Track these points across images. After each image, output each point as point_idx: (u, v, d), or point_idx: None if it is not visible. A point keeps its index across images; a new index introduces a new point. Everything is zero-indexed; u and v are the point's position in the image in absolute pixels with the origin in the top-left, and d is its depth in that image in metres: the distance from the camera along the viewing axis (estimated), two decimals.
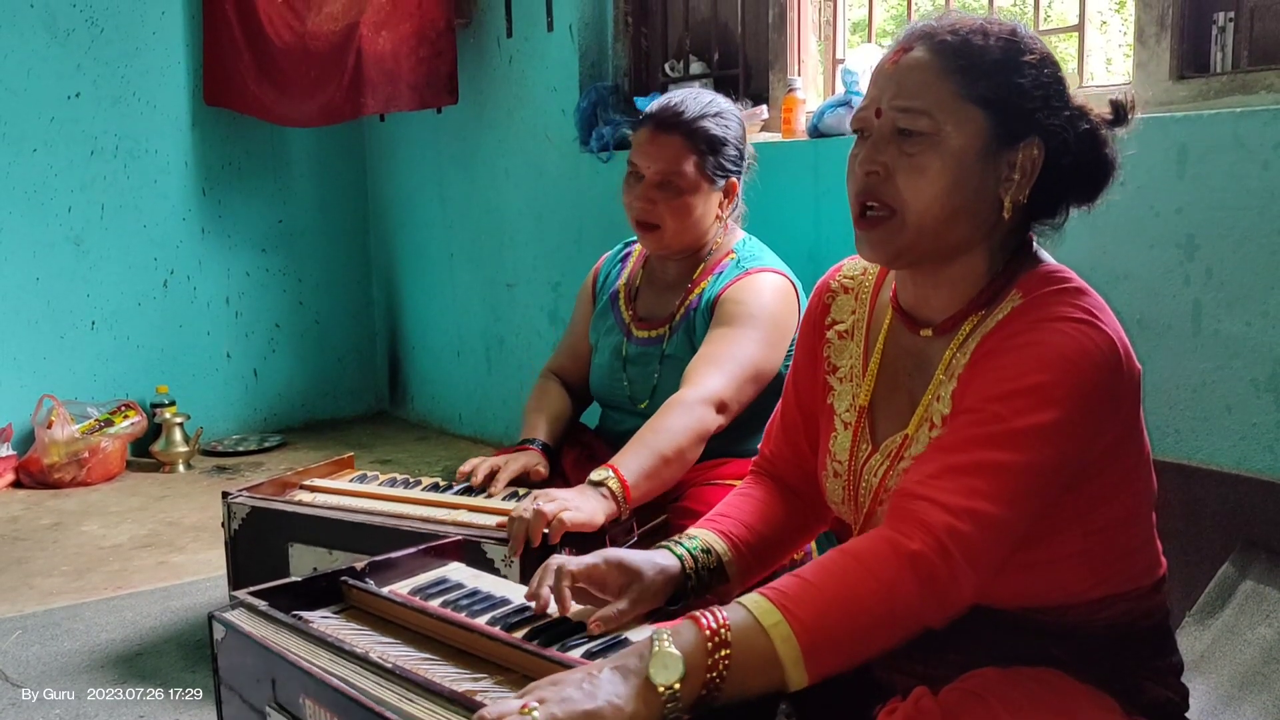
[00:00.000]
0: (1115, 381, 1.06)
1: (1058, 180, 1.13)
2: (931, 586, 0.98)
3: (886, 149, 1.12)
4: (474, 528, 1.67)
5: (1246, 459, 1.85)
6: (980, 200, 1.12)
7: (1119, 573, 1.14)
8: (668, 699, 0.90)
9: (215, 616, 1.17)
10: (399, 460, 3.79)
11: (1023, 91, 1.10)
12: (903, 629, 1.00)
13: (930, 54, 1.11)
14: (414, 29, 3.54)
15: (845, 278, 1.33)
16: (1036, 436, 1.02)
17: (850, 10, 2.88)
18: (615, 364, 2.08)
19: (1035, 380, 1.03)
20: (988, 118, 1.10)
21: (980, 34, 1.11)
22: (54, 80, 3.69)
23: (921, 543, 0.98)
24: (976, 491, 1.00)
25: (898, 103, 1.11)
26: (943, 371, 1.15)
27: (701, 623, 0.94)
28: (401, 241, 4.32)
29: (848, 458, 1.24)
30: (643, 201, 1.98)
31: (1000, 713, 1.04)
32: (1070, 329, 1.05)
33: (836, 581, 0.98)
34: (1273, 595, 1.74)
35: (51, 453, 3.50)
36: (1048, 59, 1.13)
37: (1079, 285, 1.12)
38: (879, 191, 1.12)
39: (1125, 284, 1.98)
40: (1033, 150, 1.11)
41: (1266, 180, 1.79)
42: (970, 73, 1.10)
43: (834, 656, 0.97)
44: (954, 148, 1.09)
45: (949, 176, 1.09)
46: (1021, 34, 1.13)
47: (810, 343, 1.34)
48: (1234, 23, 1.97)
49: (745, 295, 1.94)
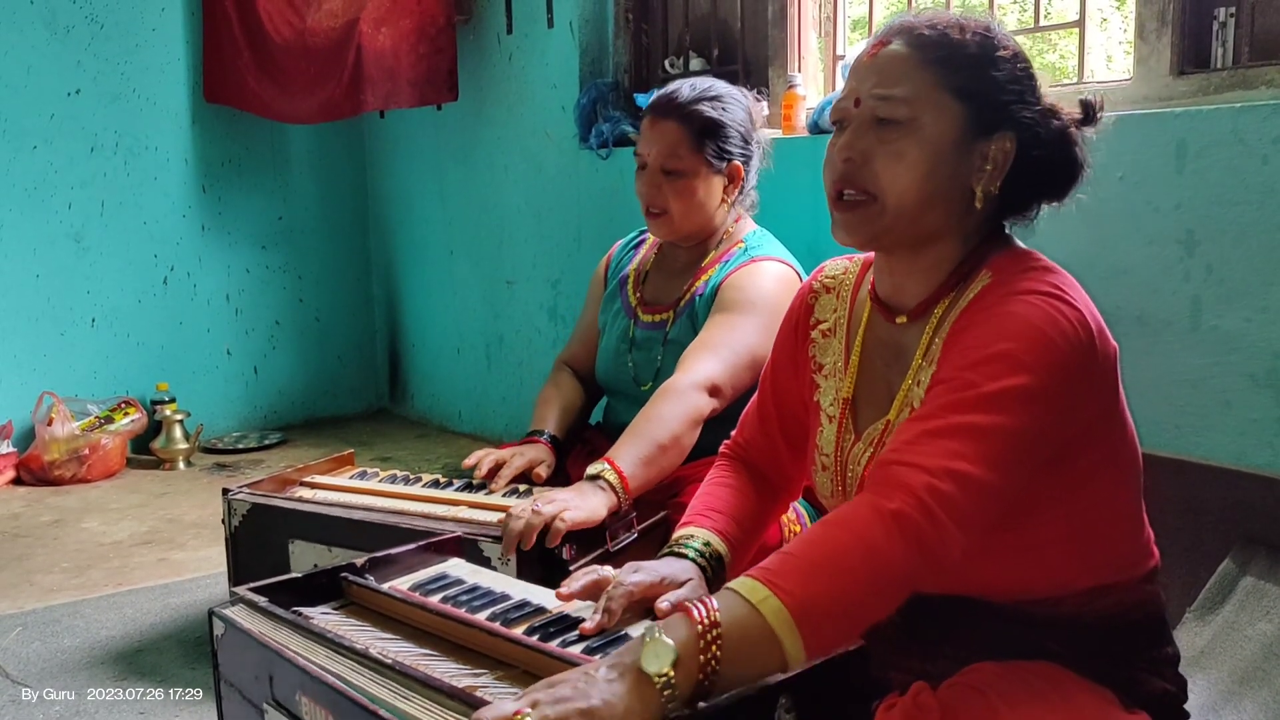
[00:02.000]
0: (1087, 354, 1.08)
1: (1028, 174, 1.16)
2: (917, 543, 0.98)
3: (865, 136, 1.15)
4: (474, 524, 1.67)
5: (1245, 454, 1.85)
6: (953, 188, 1.15)
7: (1109, 562, 1.16)
8: (663, 688, 0.89)
9: (215, 613, 1.17)
10: (399, 457, 3.79)
11: (998, 85, 1.14)
12: (892, 590, 1.01)
13: (909, 47, 1.15)
14: (414, 25, 3.53)
15: (827, 278, 1.37)
16: (1010, 399, 1.03)
17: (850, 7, 2.88)
18: (621, 347, 2.10)
19: (1004, 347, 1.05)
20: (964, 108, 1.13)
21: (957, 29, 1.15)
22: (54, 77, 3.69)
23: (902, 502, 0.99)
24: (955, 453, 1.01)
25: (877, 91, 1.14)
26: (920, 357, 1.18)
27: (692, 611, 0.94)
28: (401, 238, 4.32)
29: (834, 450, 1.26)
30: (648, 187, 2.00)
31: (999, 707, 1.04)
32: (1038, 300, 1.08)
33: (819, 549, 0.99)
34: (1273, 591, 1.74)
35: (52, 450, 3.50)
36: (1020, 56, 1.17)
37: (1048, 264, 1.15)
38: (856, 177, 1.16)
39: (1124, 279, 1.98)
40: (1005, 143, 1.14)
41: (1266, 175, 1.79)
42: (948, 64, 1.14)
43: (828, 624, 0.97)
44: (931, 136, 1.13)
45: (926, 163, 1.13)
46: (995, 31, 1.17)
47: (791, 343, 1.38)
48: (1234, 18, 1.97)
49: (746, 282, 1.95)
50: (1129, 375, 1.93)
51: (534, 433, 2.03)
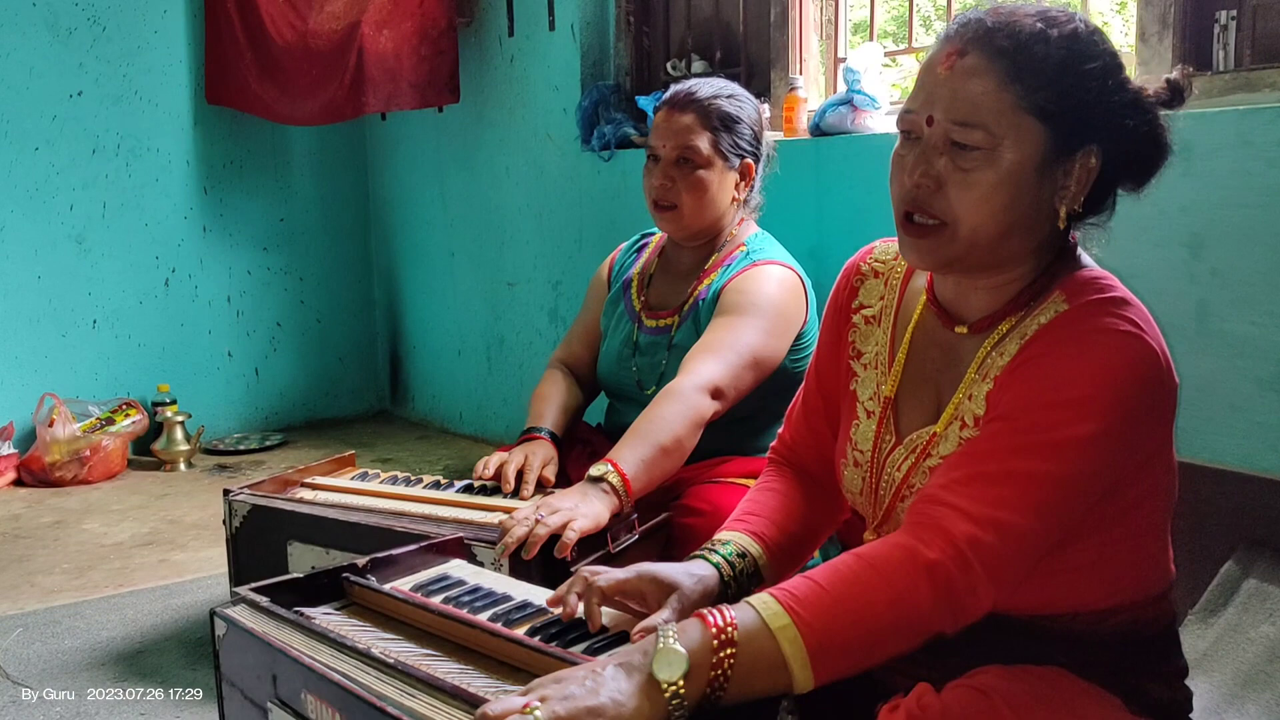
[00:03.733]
0: (1157, 396, 1.04)
1: (1113, 179, 1.11)
2: (948, 597, 0.97)
3: (938, 159, 1.07)
4: (474, 526, 1.67)
5: (1251, 458, 1.84)
6: (1034, 213, 1.08)
7: (1132, 583, 1.13)
8: (671, 696, 0.89)
9: (217, 613, 1.17)
10: (400, 459, 3.79)
11: (1085, 99, 1.05)
12: (914, 637, 0.99)
13: (987, 60, 1.05)
14: (416, 28, 3.54)
15: (876, 261, 1.29)
16: (1074, 449, 1.00)
17: (852, 10, 2.88)
18: (625, 351, 2.09)
19: (1078, 393, 1.01)
20: (1046, 130, 1.05)
21: (1041, 39, 1.05)
22: (56, 79, 3.69)
23: (940, 552, 0.97)
24: (1004, 501, 0.98)
25: (953, 115, 1.06)
26: (975, 370, 1.13)
27: (708, 620, 0.93)
28: (403, 240, 4.32)
29: (870, 448, 1.21)
30: (660, 180, 2.00)
31: (1004, 710, 1.03)
32: (1117, 341, 1.03)
33: (849, 586, 0.97)
34: (1276, 594, 1.74)
35: (53, 451, 3.50)
36: (1110, 57, 1.07)
37: (1124, 295, 1.09)
38: (928, 203, 1.08)
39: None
40: (1090, 159, 1.07)
41: (1272, 178, 1.79)
42: (1030, 82, 1.04)
43: (842, 661, 0.96)
44: (1010, 163, 1.05)
45: (1006, 193, 1.05)
46: (1083, 33, 1.07)
47: (835, 325, 1.30)
48: (1236, 21, 1.97)
49: (748, 285, 1.95)
50: None
51: (533, 429, 2.01)
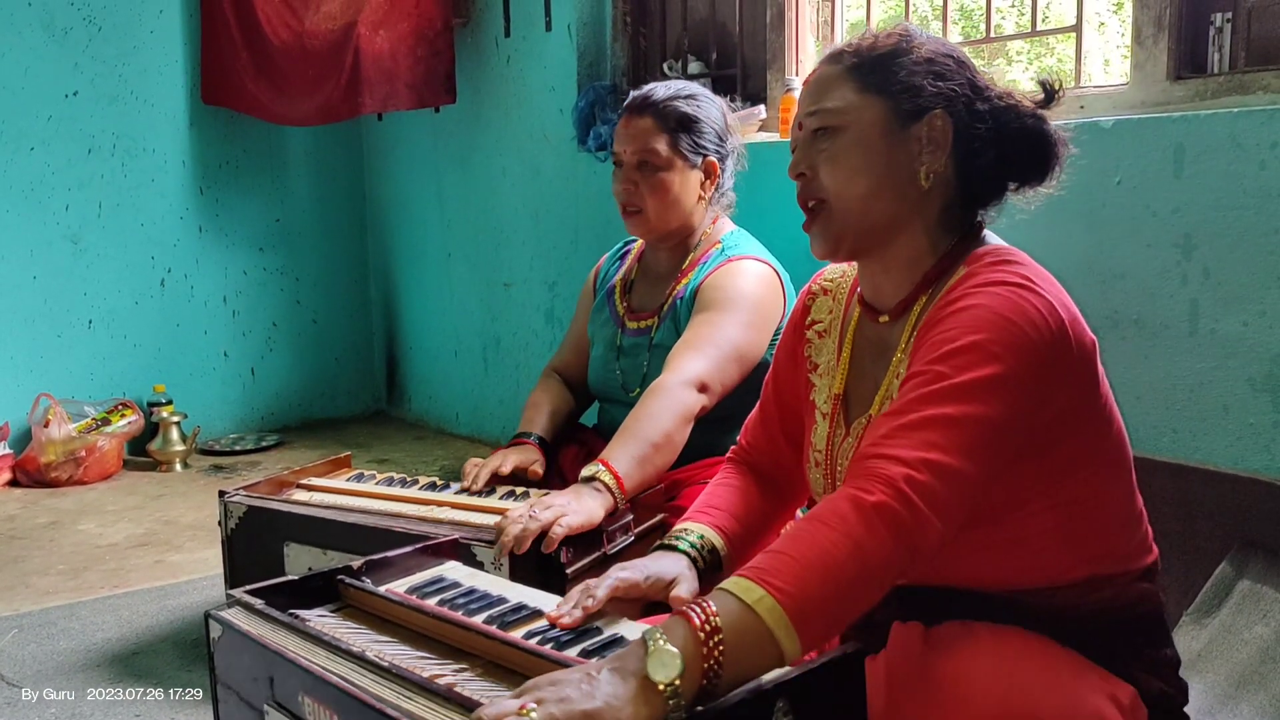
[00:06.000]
0: (1058, 342, 1.10)
1: (983, 153, 1.20)
2: (899, 534, 1.00)
3: (809, 151, 1.24)
4: (470, 527, 1.67)
5: (1243, 459, 1.85)
6: (896, 176, 1.21)
7: (1103, 553, 1.18)
8: (669, 696, 0.90)
9: (212, 615, 1.17)
10: (396, 460, 3.79)
11: (911, 72, 1.21)
12: (879, 581, 1.02)
13: (831, 64, 1.26)
14: (412, 28, 3.54)
15: (826, 280, 1.43)
16: (980, 389, 1.06)
17: (848, 10, 2.89)
18: (609, 355, 2.12)
19: (973, 339, 1.08)
20: (884, 101, 1.21)
21: (870, 40, 1.25)
22: (51, 79, 3.69)
23: (882, 494, 1.01)
24: (930, 444, 1.03)
25: (809, 108, 1.25)
26: (901, 351, 1.22)
27: (691, 616, 0.95)
28: (399, 241, 4.32)
29: (825, 446, 1.31)
30: (624, 185, 2.04)
31: (981, 633, 1.10)
32: (1004, 290, 1.11)
33: (808, 548, 1.00)
34: (1269, 595, 1.74)
35: (48, 451, 3.50)
36: (942, 47, 1.23)
37: (1020, 257, 1.18)
38: (810, 190, 1.24)
39: (1122, 283, 1.98)
40: (936, 121, 1.20)
41: (1263, 180, 1.79)
42: (862, 69, 1.23)
43: (821, 620, 0.99)
44: (858, 133, 1.21)
45: (858, 157, 1.21)
46: (913, 31, 1.25)
47: (791, 344, 1.43)
48: (1231, 23, 1.97)
49: (725, 281, 1.97)
50: (1127, 379, 1.95)
51: (522, 435, 2.05)
